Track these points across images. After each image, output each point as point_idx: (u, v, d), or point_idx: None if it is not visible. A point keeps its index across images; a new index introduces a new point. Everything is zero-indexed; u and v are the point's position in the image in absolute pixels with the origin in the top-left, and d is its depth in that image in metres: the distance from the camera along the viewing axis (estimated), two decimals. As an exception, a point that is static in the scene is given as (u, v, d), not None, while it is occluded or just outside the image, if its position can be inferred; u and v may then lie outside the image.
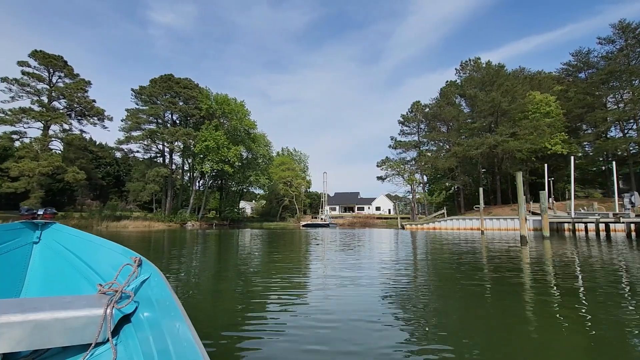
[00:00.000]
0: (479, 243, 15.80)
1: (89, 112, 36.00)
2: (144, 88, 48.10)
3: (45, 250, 2.74)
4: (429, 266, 8.45)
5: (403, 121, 44.36)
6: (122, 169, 62.09)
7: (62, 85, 34.51)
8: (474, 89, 35.04)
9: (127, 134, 45.76)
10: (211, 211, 63.95)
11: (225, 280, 6.41)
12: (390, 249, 13.29)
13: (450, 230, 28.59)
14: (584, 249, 12.85)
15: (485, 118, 35.40)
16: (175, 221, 44.09)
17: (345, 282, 5.90)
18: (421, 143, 42.45)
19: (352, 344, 3.00)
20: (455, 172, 38.65)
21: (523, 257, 10.04)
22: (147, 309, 1.70)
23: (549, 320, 3.82)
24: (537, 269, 7.91)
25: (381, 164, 41.16)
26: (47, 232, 2.85)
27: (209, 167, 47.87)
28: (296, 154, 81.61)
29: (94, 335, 1.58)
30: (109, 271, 2.13)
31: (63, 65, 34.75)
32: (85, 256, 2.44)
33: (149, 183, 43.57)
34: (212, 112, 50.62)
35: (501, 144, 32.39)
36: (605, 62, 35.16)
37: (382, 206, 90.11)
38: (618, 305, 4.40)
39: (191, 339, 1.25)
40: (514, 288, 5.60)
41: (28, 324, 1.48)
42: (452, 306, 4.49)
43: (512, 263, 8.77)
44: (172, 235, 23.64)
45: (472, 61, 38.98)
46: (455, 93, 40.08)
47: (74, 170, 31.72)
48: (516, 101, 33.86)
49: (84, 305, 1.65)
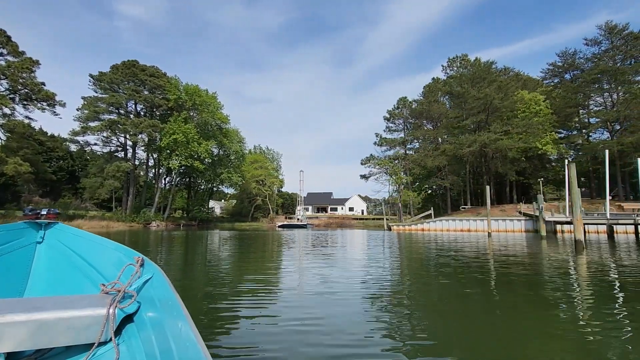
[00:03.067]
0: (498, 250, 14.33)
1: (36, 96, 31.36)
2: (104, 74, 43.50)
3: (49, 250, 2.75)
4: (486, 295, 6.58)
5: (389, 117, 42.81)
6: (78, 163, 56.49)
7: (4, 64, 29.82)
8: (464, 85, 34.38)
9: (84, 124, 41.10)
10: (177, 210, 60.05)
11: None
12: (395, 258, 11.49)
13: (440, 232, 27.47)
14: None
15: (476, 115, 34.55)
16: (137, 221, 40.16)
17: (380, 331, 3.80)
18: (407, 140, 41.33)
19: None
20: (443, 171, 37.87)
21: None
22: (149, 309, 1.68)
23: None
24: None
25: (365, 161, 39.63)
26: (50, 232, 2.84)
27: (177, 163, 44.18)
28: (269, 152, 79.12)
29: (96, 335, 1.57)
30: (111, 271, 2.12)
31: (6, 41, 29.95)
32: (88, 256, 2.46)
33: (108, 179, 39.27)
34: (182, 104, 46.94)
35: (494, 142, 31.66)
36: (592, 64, 35.43)
37: (356, 207, 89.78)
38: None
39: (194, 339, 1.23)
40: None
41: (31, 324, 1.48)
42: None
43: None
44: (133, 237, 20.58)
45: (460, 58, 38.52)
46: (442, 90, 39.37)
47: (15, 161, 27.23)
48: (508, 98, 33.27)
49: (86, 305, 1.64)
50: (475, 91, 32.45)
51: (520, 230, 26.20)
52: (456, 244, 16.11)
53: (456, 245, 15.44)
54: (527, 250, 13.23)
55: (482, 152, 33.62)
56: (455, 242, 16.85)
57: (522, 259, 10.38)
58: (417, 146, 42.31)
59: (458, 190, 38.53)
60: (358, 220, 63.45)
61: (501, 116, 34.68)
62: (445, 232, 27.88)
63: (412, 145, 42.88)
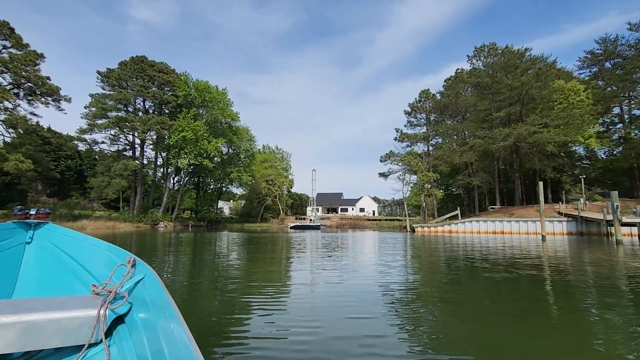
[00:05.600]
0: (567, 260, 12.20)
1: (40, 90, 29.97)
2: (112, 71, 42.22)
3: (38, 251, 2.68)
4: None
5: (410, 111, 40.11)
6: (86, 162, 55.49)
7: (7, 57, 28.50)
8: (497, 74, 31.63)
9: (91, 122, 39.76)
10: (186, 211, 58.68)
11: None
12: (453, 274, 9.45)
13: (470, 234, 25.08)
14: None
15: (511, 106, 31.61)
16: (145, 221, 38.66)
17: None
18: (429, 136, 38.66)
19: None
20: (471, 168, 35.39)
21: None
22: (141, 310, 1.66)
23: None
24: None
25: (385, 158, 37.16)
26: (40, 232, 2.78)
27: (185, 162, 42.63)
28: (278, 151, 77.48)
29: (87, 337, 1.54)
30: (103, 272, 2.09)
31: (9, 34, 28.63)
32: (78, 256, 2.41)
33: (115, 178, 37.83)
34: (191, 100, 45.49)
35: (531, 136, 28.69)
36: (637, 50, 32.37)
37: (367, 208, 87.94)
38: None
39: (186, 340, 1.21)
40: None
41: (20, 325, 1.45)
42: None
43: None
44: (140, 239, 18.88)
45: (488, 47, 35.88)
46: (468, 82, 36.71)
47: (16, 157, 25.77)
48: (547, 87, 30.31)
49: (77, 306, 1.61)
50: (510, 80, 29.85)
51: (561, 233, 23.75)
52: (502, 249, 14.00)
53: (503, 250, 13.33)
54: (605, 258, 11.12)
55: (516, 147, 31.04)
56: (503, 248, 14.72)
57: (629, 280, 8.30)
58: (439, 142, 39.78)
59: (488, 188, 35.88)
60: (371, 222, 61.40)
61: (536, 107, 31.97)
62: (475, 234, 25.56)
63: (433, 140, 40.44)
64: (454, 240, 18.80)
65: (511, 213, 27.75)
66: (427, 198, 33.53)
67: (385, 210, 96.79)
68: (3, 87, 28.05)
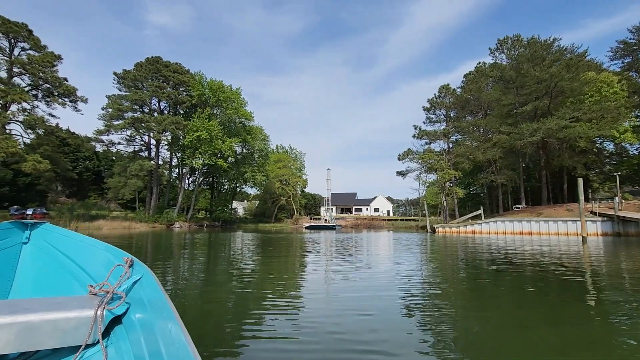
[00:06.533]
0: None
1: (57, 91, 30.20)
2: (128, 72, 42.52)
3: (35, 251, 2.66)
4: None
5: (429, 107, 38.76)
6: (104, 163, 56.35)
7: (26, 59, 28.80)
8: (523, 66, 29.95)
9: (108, 123, 40.10)
10: (201, 211, 58.85)
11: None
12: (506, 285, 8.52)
13: (495, 235, 23.78)
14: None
15: (538, 100, 29.80)
16: (160, 222, 38.70)
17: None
18: (449, 132, 37.08)
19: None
20: (494, 166, 33.71)
21: None
22: (138, 310, 1.64)
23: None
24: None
25: (403, 156, 35.88)
26: (36, 232, 2.76)
27: (200, 162, 42.54)
28: (292, 151, 77.04)
29: (84, 337, 1.52)
30: (100, 272, 2.07)
31: (27, 35, 28.95)
32: (76, 256, 2.38)
33: (131, 178, 37.98)
34: (205, 100, 45.46)
35: (561, 131, 26.95)
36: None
37: (381, 207, 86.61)
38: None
39: (183, 341, 1.20)
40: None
41: (16, 326, 1.43)
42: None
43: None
44: (156, 239, 18.50)
45: (511, 39, 34.03)
46: (491, 75, 34.99)
47: (34, 158, 25.94)
48: (578, 79, 28.46)
49: (74, 306, 1.59)
50: (538, 72, 28.23)
51: (596, 234, 22.18)
52: (539, 251, 12.89)
53: (540, 253, 12.24)
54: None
55: (543, 142, 29.35)
56: (541, 251, 13.60)
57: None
58: (459, 139, 38.16)
59: (512, 187, 34.20)
60: (387, 222, 60.19)
61: (565, 101, 30.17)
62: (500, 235, 24.20)
63: (453, 137, 38.83)
64: (480, 241, 17.67)
65: (539, 213, 26.20)
66: (447, 197, 32.16)
67: (399, 210, 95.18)
68: (21, 88, 28.38)
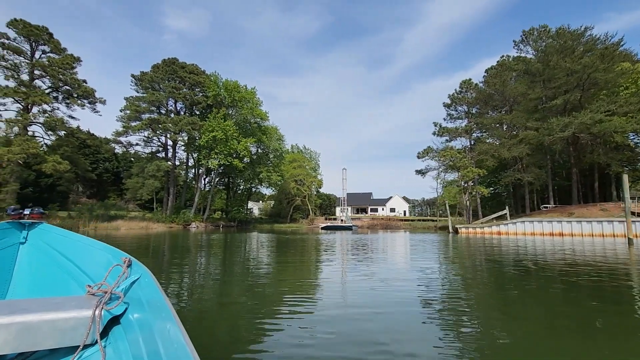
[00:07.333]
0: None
1: (76, 92, 30.65)
2: (145, 74, 43.02)
3: (32, 251, 2.64)
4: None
5: (450, 103, 37.70)
6: (122, 165, 57.29)
7: (47, 61, 29.33)
8: (551, 57, 28.34)
9: (126, 124, 40.65)
10: (217, 211, 59.15)
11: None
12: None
13: (523, 236, 22.53)
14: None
15: (568, 93, 28.23)
16: (177, 222, 38.90)
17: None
18: (471, 129, 35.58)
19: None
20: (519, 163, 32.13)
21: None
22: (137, 310, 1.62)
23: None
24: None
25: (423, 154, 34.72)
26: (34, 232, 2.74)
27: (216, 162, 42.61)
28: (306, 151, 76.70)
29: (82, 337, 1.51)
30: (98, 272, 2.05)
31: (48, 39, 29.46)
32: (73, 257, 2.35)
33: (148, 179, 38.32)
34: (220, 100, 45.57)
35: (597, 125, 25.30)
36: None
37: (397, 207, 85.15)
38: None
39: (182, 341, 1.20)
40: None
41: (14, 326, 1.41)
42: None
43: None
44: (173, 240, 18.24)
45: (538, 30, 32.31)
46: (515, 69, 33.27)
47: (54, 159, 26.31)
48: (613, 70, 26.81)
49: (72, 306, 1.58)
50: (569, 63, 26.67)
51: (634, 235, 20.67)
52: (581, 254, 11.83)
53: (582, 256, 11.20)
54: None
55: (575, 138, 27.73)
56: (583, 254, 12.53)
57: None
58: (482, 135, 36.66)
59: (539, 186, 32.56)
60: (404, 222, 58.95)
61: (598, 93, 28.44)
62: (529, 236, 22.91)
63: (474, 134, 37.31)
64: (507, 243, 16.59)
65: (570, 213, 24.72)
66: (470, 197, 30.86)
67: (415, 210, 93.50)
68: (42, 90, 28.89)
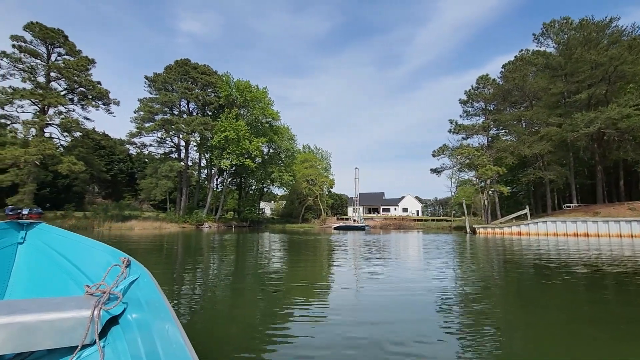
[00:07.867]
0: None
1: (90, 93, 31.03)
2: (158, 75, 43.43)
3: (31, 251, 2.61)
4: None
5: (466, 100, 36.62)
6: (136, 165, 58.12)
7: (62, 64, 29.74)
8: (575, 49, 27.03)
9: (139, 125, 41.09)
10: (229, 212, 59.37)
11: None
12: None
13: (545, 237, 21.58)
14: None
15: (592, 87, 26.93)
16: (190, 222, 39.07)
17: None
18: (489, 126, 34.25)
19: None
20: (540, 161, 30.96)
21: None
22: (135, 311, 1.62)
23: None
24: None
25: (438, 152, 33.75)
26: (32, 232, 2.71)
27: (228, 162, 42.65)
28: (318, 151, 76.36)
29: (80, 338, 1.50)
30: (96, 272, 2.03)
31: (63, 41, 29.87)
32: (72, 257, 2.34)
33: (161, 179, 38.63)
34: (232, 100, 45.63)
35: (626, 119, 23.95)
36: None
37: (410, 207, 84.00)
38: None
39: (181, 341, 1.20)
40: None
41: (12, 327, 1.40)
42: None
43: None
44: (186, 240, 18.07)
45: (559, 22, 30.95)
46: (536, 63, 31.91)
47: (69, 160, 26.61)
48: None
49: (70, 306, 1.57)
50: (594, 55, 25.50)
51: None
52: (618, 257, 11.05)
53: (623, 260, 10.44)
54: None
55: (600, 134, 26.48)
56: (623, 257, 11.76)
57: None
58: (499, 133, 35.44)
59: (562, 184, 31.26)
60: (417, 222, 57.91)
61: (624, 87, 27.12)
62: (551, 236, 21.94)
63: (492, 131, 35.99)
64: (528, 243, 15.78)
65: (595, 212, 23.55)
66: (488, 196, 29.82)
67: (428, 210, 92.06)
68: (58, 92, 29.30)
